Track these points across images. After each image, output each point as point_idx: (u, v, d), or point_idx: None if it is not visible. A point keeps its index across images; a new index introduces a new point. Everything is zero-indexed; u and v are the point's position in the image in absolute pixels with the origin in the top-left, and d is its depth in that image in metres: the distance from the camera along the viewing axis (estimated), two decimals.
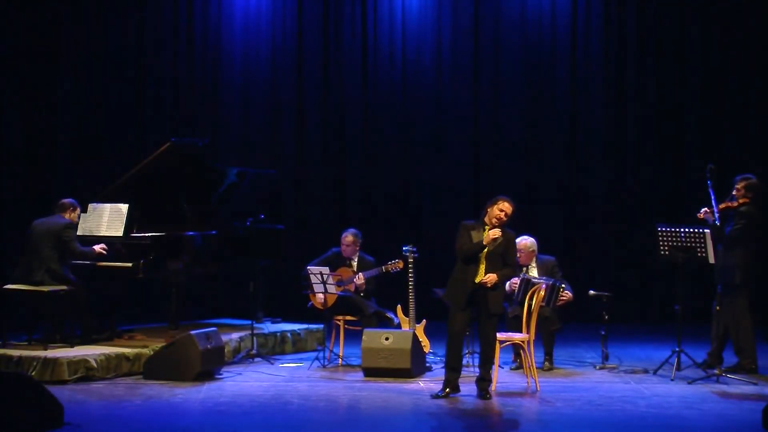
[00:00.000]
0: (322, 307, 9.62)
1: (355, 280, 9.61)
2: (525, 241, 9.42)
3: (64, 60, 12.72)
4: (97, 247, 9.37)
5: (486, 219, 8.06)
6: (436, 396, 8.08)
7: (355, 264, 9.83)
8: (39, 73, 12.61)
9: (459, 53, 13.04)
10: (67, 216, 9.40)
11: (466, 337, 8.74)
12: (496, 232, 7.92)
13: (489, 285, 7.95)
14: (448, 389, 8.12)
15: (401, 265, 9.54)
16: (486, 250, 7.98)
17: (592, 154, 12.95)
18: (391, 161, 13.06)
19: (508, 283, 8.94)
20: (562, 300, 9.22)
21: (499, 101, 13.04)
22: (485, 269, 7.98)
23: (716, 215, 8.92)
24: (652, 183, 12.84)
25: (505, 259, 8.07)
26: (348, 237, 9.85)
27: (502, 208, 8.03)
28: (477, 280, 7.99)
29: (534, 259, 9.47)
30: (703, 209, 8.95)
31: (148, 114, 12.92)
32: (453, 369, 8.15)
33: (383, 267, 9.61)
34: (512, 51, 12.98)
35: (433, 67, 13.06)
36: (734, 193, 9.01)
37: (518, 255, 9.23)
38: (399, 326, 9.46)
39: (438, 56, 13.05)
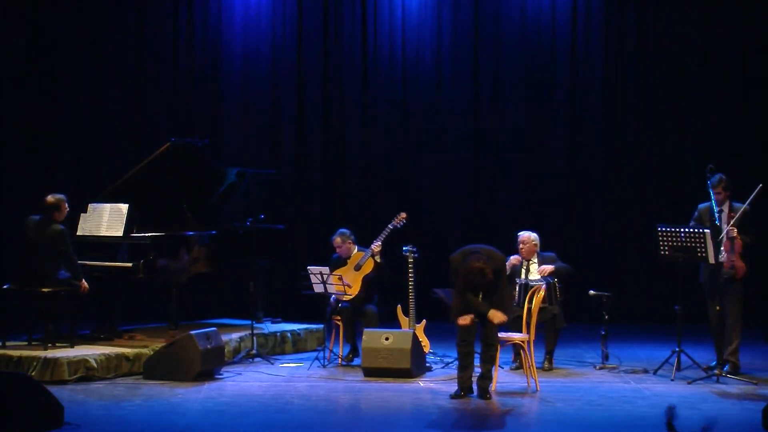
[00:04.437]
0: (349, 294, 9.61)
1: (372, 247, 9.63)
2: (529, 235, 9.49)
3: (64, 60, 12.70)
4: (84, 284, 9.16)
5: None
6: (454, 396, 8.07)
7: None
8: (39, 72, 12.60)
9: (459, 53, 13.02)
10: (57, 217, 9.16)
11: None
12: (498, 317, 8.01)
13: (495, 322, 8.04)
14: (463, 391, 8.12)
15: (404, 215, 9.67)
16: (480, 295, 8.02)
17: (593, 154, 12.94)
18: (391, 161, 13.05)
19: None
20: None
21: (499, 101, 13.03)
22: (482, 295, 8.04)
23: (716, 216, 8.93)
24: (652, 183, 12.84)
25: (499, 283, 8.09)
26: (336, 239, 9.88)
27: (481, 279, 7.85)
28: (481, 310, 8.02)
29: (536, 255, 9.48)
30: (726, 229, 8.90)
31: (148, 114, 12.91)
32: (465, 368, 8.15)
33: (390, 225, 9.64)
34: (512, 50, 12.97)
35: (433, 67, 13.05)
36: (716, 197, 8.97)
37: (521, 248, 9.38)
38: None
39: (438, 56, 13.04)
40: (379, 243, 9.67)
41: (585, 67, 12.94)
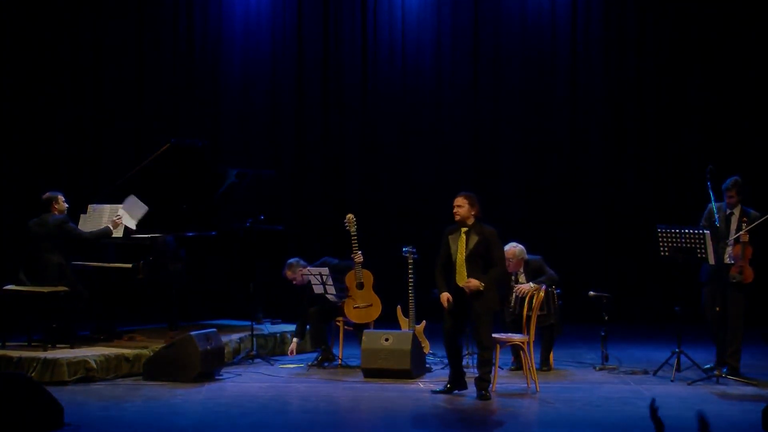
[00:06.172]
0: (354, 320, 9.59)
1: (357, 260, 9.51)
2: (513, 249, 9.25)
3: (64, 60, 12.70)
4: (116, 219, 9.33)
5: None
6: (436, 391, 8.12)
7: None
8: (39, 73, 12.61)
9: (459, 53, 13.03)
10: (56, 210, 9.27)
11: (466, 337, 8.73)
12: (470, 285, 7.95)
13: (468, 291, 7.96)
14: (448, 385, 8.20)
15: (351, 216, 9.58)
16: (464, 253, 8.01)
17: (592, 155, 12.94)
18: (390, 161, 13.05)
19: (517, 287, 9.00)
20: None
21: (499, 101, 13.02)
22: (466, 272, 8.00)
23: (716, 216, 8.92)
24: (652, 183, 12.84)
25: (488, 260, 8.05)
26: (287, 273, 9.72)
27: (455, 204, 8.13)
28: (460, 284, 8.01)
29: (522, 266, 9.39)
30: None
31: (148, 114, 12.91)
32: (448, 365, 8.23)
33: (352, 234, 9.51)
34: (512, 50, 12.97)
35: (433, 67, 13.06)
36: (729, 200, 8.97)
37: (506, 263, 9.16)
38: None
39: (438, 56, 13.05)
40: (360, 252, 9.57)
41: (585, 66, 12.94)
